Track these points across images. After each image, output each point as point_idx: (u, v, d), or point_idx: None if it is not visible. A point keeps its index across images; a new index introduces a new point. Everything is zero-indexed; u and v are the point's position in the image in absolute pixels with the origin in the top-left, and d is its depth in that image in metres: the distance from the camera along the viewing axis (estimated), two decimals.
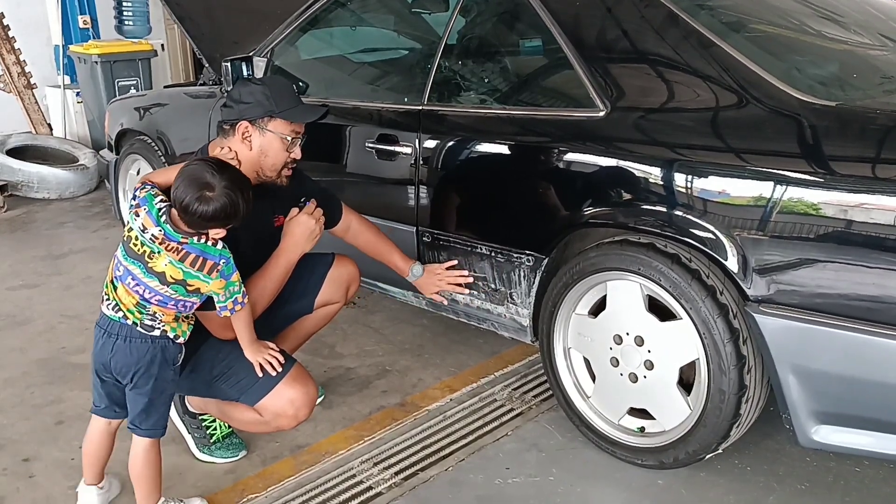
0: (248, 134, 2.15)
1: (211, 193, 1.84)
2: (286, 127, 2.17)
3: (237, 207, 1.86)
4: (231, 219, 1.88)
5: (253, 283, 2.13)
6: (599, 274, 2.22)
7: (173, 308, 1.93)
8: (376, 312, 3.41)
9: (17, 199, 5.26)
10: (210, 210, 1.83)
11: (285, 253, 2.19)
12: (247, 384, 2.12)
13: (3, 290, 3.79)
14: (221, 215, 1.85)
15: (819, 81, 2.11)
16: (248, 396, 2.13)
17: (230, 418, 2.29)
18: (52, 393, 2.80)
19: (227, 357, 2.13)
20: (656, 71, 2.20)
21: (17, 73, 5.76)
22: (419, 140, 2.62)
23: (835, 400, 1.91)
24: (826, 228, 1.82)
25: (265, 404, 2.12)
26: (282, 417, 2.14)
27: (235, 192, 1.86)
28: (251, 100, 2.15)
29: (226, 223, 1.88)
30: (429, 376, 2.88)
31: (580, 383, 2.39)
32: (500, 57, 2.75)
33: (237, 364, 2.12)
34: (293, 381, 2.13)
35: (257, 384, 2.11)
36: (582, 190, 2.24)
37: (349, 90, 3.30)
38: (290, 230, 2.20)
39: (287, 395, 2.11)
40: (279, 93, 2.18)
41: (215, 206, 1.84)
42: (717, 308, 2.00)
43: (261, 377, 2.11)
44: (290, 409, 2.12)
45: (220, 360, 2.14)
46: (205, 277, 1.90)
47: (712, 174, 1.97)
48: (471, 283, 2.56)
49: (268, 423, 2.17)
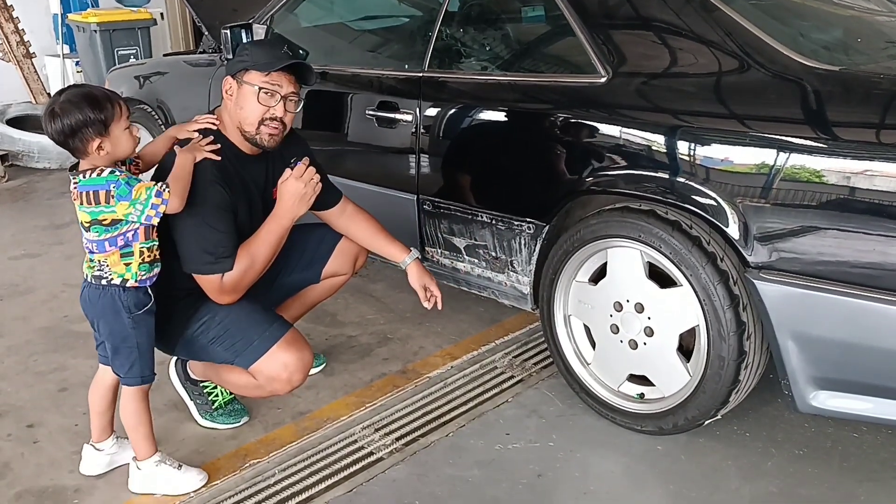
0: (230, 88, 2.18)
1: (56, 109, 1.89)
2: (259, 78, 2.14)
3: (83, 112, 1.88)
4: (87, 125, 1.88)
5: (246, 249, 2.12)
6: (600, 241, 2.21)
7: (113, 248, 1.96)
8: (378, 281, 3.42)
9: (17, 169, 5.25)
10: (61, 124, 1.89)
11: (276, 218, 2.16)
12: (241, 347, 2.12)
13: (6, 260, 3.80)
14: (74, 124, 1.88)
15: (823, 46, 2.09)
16: (242, 359, 2.13)
17: (228, 383, 2.30)
18: (55, 361, 2.82)
19: (223, 320, 2.14)
20: (658, 36, 2.18)
21: (15, 42, 5.71)
22: (420, 107, 2.60)
23: (833, 366, 1.92)
24: (828, 195, 1.81)
25: (259, 367, 2.13)
26: (276, 381, 2.14)
27: (76, 99, 1.90)
28: (237, 57, 2.20)
29: (85, 132, 1.89)
30: (430, 344, 2.89)
31: (580, 350, 2.40)
32: (502, 23, 2.73)
33: (233, 327, 2.13)
34: (287, 345, 2.13)
35: (251, 347, 2.12)
36: (583, 157, 2.23)
37: (349, 57, 3.27)
38: (280, 194, 2.16)
39: (281, 359, 2.12)
40: (262, 48, 2.22)
41: (64, 119, 1.89)
42: (717, 274, 2.00)
43: (255, 341, 2.11)
44: (283, 373, 2.12)
45: (216, 324, 2.14)
46: (107, 208, 1.92)
47: (714, 140, 1.96)
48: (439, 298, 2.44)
49: (262, 388, 2.18)
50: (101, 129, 1.89)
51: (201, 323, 2.16)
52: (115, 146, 1.92)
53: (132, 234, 1.96)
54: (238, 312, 2.14)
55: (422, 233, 2.72)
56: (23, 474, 2.23)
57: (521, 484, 2.14)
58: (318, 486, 2.14)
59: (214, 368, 2.30)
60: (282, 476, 2.18)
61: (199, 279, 2.11)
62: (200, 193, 2.05)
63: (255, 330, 2.13)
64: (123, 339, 2.02)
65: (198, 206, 2.05)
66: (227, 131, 2.20)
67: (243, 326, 2.13)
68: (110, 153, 1.93)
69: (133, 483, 2.13)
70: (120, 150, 1.94)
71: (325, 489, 2.13)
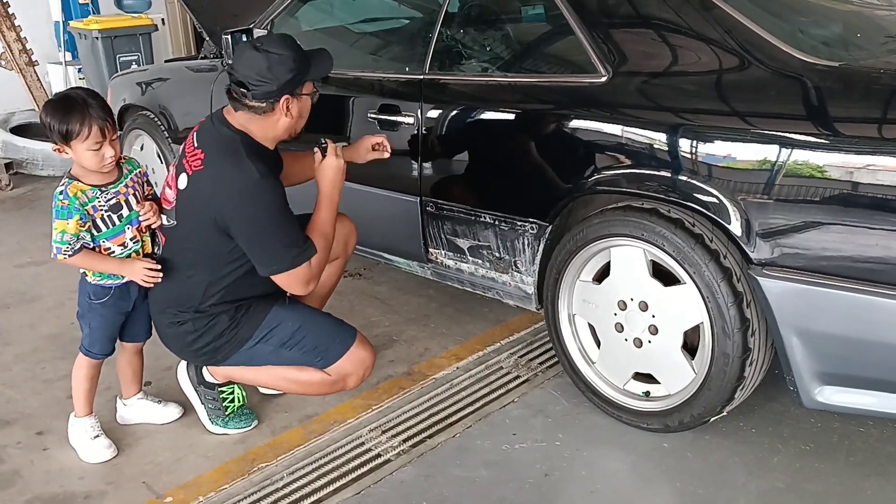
0: (289, 105, 2.16)
1: (49, 101, 2.11)
2: (311, 86, 2.23)
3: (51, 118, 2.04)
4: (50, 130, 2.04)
5: (314, 231, 2.21)
6: (603, 240, 2.22)
7: None
8: (382, 283, 3.43)
9: (22, 176, 5.28)
10: (41, 117, 2.07)
11: (327, 196, 2.25)
12: (323, 348, 2.26)
13: (12, 268, 3.82)
14: (44, 123, 2.06)
15: (822, 42, 2.09)
16: (324, 359, 2.27)
17: (286, 380, 2.35)
18: (62, 368, 2.83)
19: (296, 326, 2.26)
20: (658, 35, 2.19)
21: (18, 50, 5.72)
22: (421, 109, 2.61)
23: (838, 361, 1.92)
24: (830, 191, 1.82)
25: (340, 365, 2.27)
26: (351, 376, 2.30)
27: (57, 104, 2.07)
28: (285, 72, 2.12)
29: (50, 134, 2.06)
30: (435, 345, 2.90)
31: (585, 349, 2.41)
32: (502, 24, 2.73)
33: (310, 332, 2.26)
34: (362, 342, 2.32)
35: (333, 348, 2.27)
36: (585, 156, 2.24)
37: (350, 61, 3.26)
38: (323, 174, 2.26)
39: (360, 356, 2.29)
40: (299, 54, 2.18)
41: (43, 114, 2.07)
42: (720, 272, 2.01)
43: (336, 341, 2.27)
44: (360, 368, 2.30)
45: (288, 330, 2.25)
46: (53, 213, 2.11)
47: (715, 138, 1.97)
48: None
49: (334, 383, 2.31)
50: (61, 139, 2.05)
51: (268, 331, 2.25)
52: (77, 157, 2.08)
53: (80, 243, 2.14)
54: (308, 316, 2.30)
55: (425, 234, 2.73)
56: (32, 481, 2.25)
57: (529, 483, 2.14)
58: (326, 489, 2.15)
59: (266, 369, 2.33)
60: (290, 479, 2.19)
61: (285, 276, 2.15)
62: (270, 195, 2.09)
63: (332, 332, 2.30)
64: (83, 314, 2.29)
65: (267, 208, 2.09)
66: (254, 136, 2.19)
67: (321, 330, 2.28)
68: (73, 159, 2.09)
69: (68, 432, 2.36)
70: (83, 162, 2.09)
71: (333, 492, 2.14)
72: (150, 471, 2.26)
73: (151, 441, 2.39)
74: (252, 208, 2.09)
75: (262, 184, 2.08)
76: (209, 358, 2.30)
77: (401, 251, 2.90)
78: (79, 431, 2.33)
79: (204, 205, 2.12)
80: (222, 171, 2.11)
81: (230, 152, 2.12)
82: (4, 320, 3.25)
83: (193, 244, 2.20)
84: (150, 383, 2.64)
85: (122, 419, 2.46)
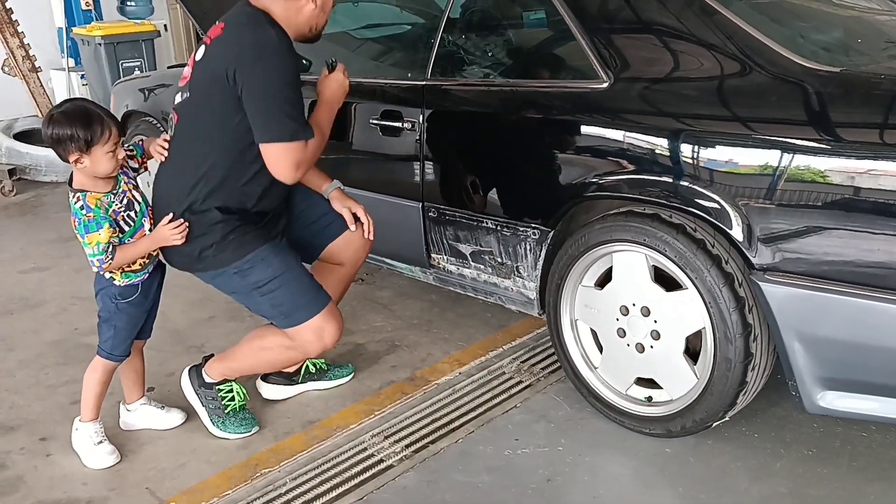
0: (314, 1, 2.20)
1: (54, 116, 2.08)
2: None
3: (72, 128, 2.04)
4: (71, 140, 2.05)
5: (312, 121, 2.24)
6: (605, 245, 2.23)
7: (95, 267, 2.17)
8: (384, 288, 3.43)
9: (25, 182, 5.29)
10: (52, 131, 2.06)
11: (327, 102, 2.33)
12: (291, 308, 2.24)
13: (15, 274, 3.83)
14: (61, 135, 2.05)
15: (823, 47, 2.09)
16: (287, 320, 2.26)
17: (251, 362, 2.39)
18: (66, 373, 2.84)
19: (275, 276, 2.23)
20: (659, 40, 2.19)
21: (21, 56, 5.75)
22: (423, 115, 2.62)
23: (840, 366, 1.92)
24: (831, 196, 1.82)
25: (301, 331, 2.26)
26: (312, 344, 2.29)
27: (72, 114, 2.07)
28: None
29: (68, 145, 2.05)
30: (437, 350, 2.90)
31: (587, 354, 2.41)
32: (503, 30, 2.74)
33: (284, 287, 2.23)
34: (331, 314, 2.29)
35: (300, 310, 2.25)
36: (586, 162, 2.25)
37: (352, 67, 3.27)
38: (328, 86, 2.33)
39: (320, 327, 2.26)
40: None
41: (55, 128, 2.06)
42: (722, 277, 2.01)
43: (304, 305, 2.24)
44: (320, 339, 2.28)
45: (267, 277, 2.23)
46: (77, 232, 2.12)
47: (716, 143, 1.97)
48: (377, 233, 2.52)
49: (295, 348, 2.31)
50: (84, 147, 2.06)
51: (250, 266, 2.22)
52: (94, 164, 2.09)
53: (109, 256, 2.13)
54: (291, 269, 2.26)
55: (427, 239, 2.73)
56: (36, 487, 2.25)
57: (531, 489, 2.14)
58: (329, 495, 2.15)
59: (235, 358, 2.38)
60: (293, 485, 2.19)
61: (279, 149, 2.12)
62: (284, 61, 2.10)
63: (305, 294, 2.26)
64: (107, 317, 2.27)
65: (280, 72, 2.09)
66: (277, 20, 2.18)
67: (296, 288, 2.25)
68: (88, 168, 2.09)
69: (72, 436, 2.36)
70: (99, 168, 2.10)
71: (335, 497, 2.14)
72: (153, 476, 2.27)
73: (154, 447, 2.40)
74: (264, 67, 2.08)
75: (280, 48, 2.09)
76: (189, 262, 2.27)
77: (403, 256, 2.90)
78: (83, 436, 2.34)
79: (219, 62, 2.12)
80: (242, 32, 2.13)
81: (252, 21, 2.14)
82: (8, 326, 3.26)
83: (202, 113, 2.18)
84: (153, 389, 2.64)
85: (125, 425, 2.47)
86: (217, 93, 2.13)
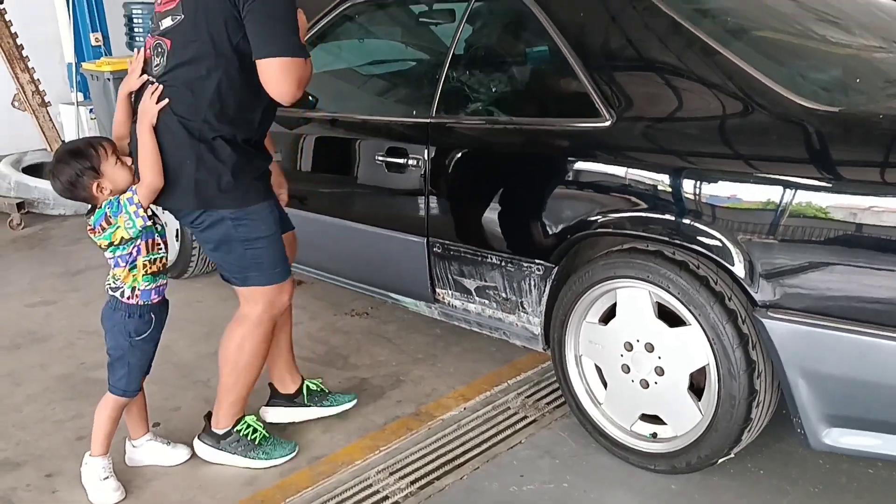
0: None
1: (54, 171, 2.19)
2: None
3: (72, 166, 2.15)
4: (81, 175, 2.15)
5: None
6: (609, 282, 2.24)
7: (123, 264, 2.23)
8: (389, 322, 3.45)
9: (33, 216, 5.33)
10: (61, 182, 2.17)
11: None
12: (265, 267, 2.31)
13: (23, 308, 3.85)
14: (71, 178, 2.16)
15: (822, 87, 2.12)
16: (256, 277, 2.32)
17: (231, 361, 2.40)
18: (72, 409, 2.85)
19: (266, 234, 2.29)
20: (661, 80, 2.22)
21: (31, 91, 5.83)
22: (428, 152, 2.65)
23: (845, 403, 1.93)
24: (832, 233, 1.84)
25: (261, 291, 2.33)
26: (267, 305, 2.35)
27: (64, 158, 2.18)
28: None
29: (82, 181, 2.16)
30: (442, 385, 2.91)
31: (592, 390, 2.42)
32: (507, 69, 2.78)
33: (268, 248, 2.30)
34: (290, 285, 2.41)
35: (269, 272, 2.32)
36: (589, 199, 2.27)
37: (359, 104, 3.34)
38: None
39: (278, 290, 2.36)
40: None
41: (61, 178, 2.17)
42: (725, 314, 2.03)
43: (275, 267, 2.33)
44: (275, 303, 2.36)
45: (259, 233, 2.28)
46: (112, 227, 2.18)
47: (717, 182, 2.00)
48: None
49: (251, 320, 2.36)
50: (94, 173, 2.16)
51: (246, 219, 2.25)
52: (113, 181, 2.18)
53: (136, 251, 2.23)
54: (277, 235, 2.32)
55: (432, 274, 2.75)
56: None
57: None
58: None
59: (225, 388, 2.41)
60: None
61: (282, 64, 2.08)
62: None
63: (281, 260, 2.35)
64: (120, 355, 2.29)
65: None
66: None
67: (276, 250, 2.32)
68: (112, 189, 2.18)
69: (81, 470, 2.38)
70: (119, 182, 2.19)
71: None
72: None
73: (161, 483, 2.40)
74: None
75: None
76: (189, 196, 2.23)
77: (408, 291, 2.92)
78: (91, 471, 2.34)
79: None
80: None
81: None
82: (16, 361, 3.27)
83: (201, 34, 2.14)
84: (158, 424, 2.65)
85: (131, 461, 2.47)
86: (217, 9, 2.10)
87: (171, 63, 2.19)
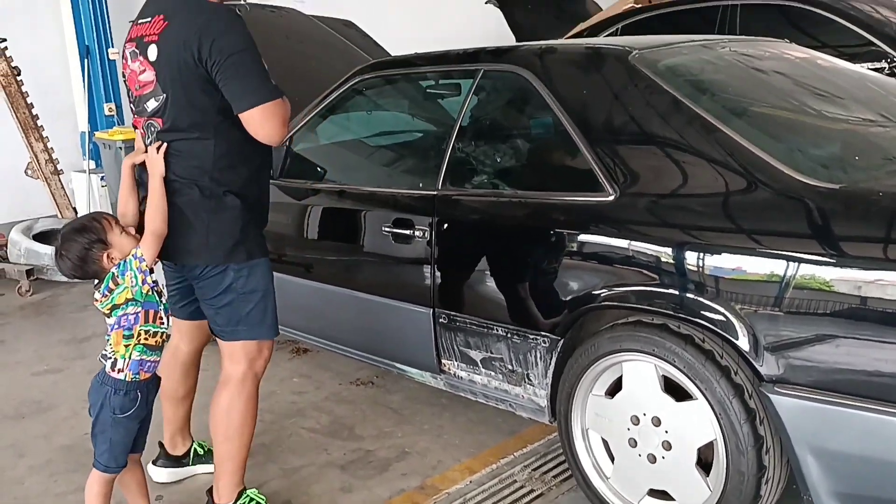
0: None
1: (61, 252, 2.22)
2: None
3: (79, 243, 2.19)
4: (89, 250, 2.19)
5: None
6: (614, 355, 2.25)
7: (118, 328, 2.23)
8: (395, 392, 3.43)
9: (42, 282, 5.37)
10: (70, 262, 2.21)
11: None
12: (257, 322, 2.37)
13: (29, 376, 3.85)
14: (80, 255, 2.20)
15: (821, 164, 2.16)
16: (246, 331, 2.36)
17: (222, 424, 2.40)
18: (75, 481, 2.82)
19: (267, 287, 2.37)
20: (662, 156, 2.26)
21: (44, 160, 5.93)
22: (434, 224, 2.69)
23: (854, 480, 1.91)
24: (835, 307, 1.85)
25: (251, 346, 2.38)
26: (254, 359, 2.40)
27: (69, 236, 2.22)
28: None
29: (91, 255, 2.19)
30: (448, 457, 2.88)
31: (599, 464, 2.39)
32: (512, 143, 2.84)
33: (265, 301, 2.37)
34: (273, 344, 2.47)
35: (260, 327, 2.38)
36: (594, 272, 2.29)
37: (366, 176, 3.40)
38: None
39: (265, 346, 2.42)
40: None
41: (70, 256, 2.21)
42: (731, 388, 2.02)
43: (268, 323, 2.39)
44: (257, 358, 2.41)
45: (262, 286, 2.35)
46: (119, 288, 2.20)
47: (720, 257, 2.02)
48: None
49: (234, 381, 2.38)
50: (102, 245, 2.20)
51: (260, 267, 2.34)
52: (121, 250, 2.22)
53: (134, 317, 2.22)
54: (272, 290, 2.39)
55: (438, 345, 2.76)
56: None
57: None
58: None
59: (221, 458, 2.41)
60: None
61: (265, 112, 2.15)
62: (241, 27, 2.16)
63: (273, 316, 2.40)
64: (103, 430, 2.28)
65: (243, 38, 2.15)
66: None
67: (271, 306, 2.39)
68: (121, 256, 2.21)
69: None
70: (128, 249, 2.23)
71: None
72: None
73: None
74: (227, 31, 2.13)
75: (232, 14, 2.17)
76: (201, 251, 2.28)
77: (413, 361, 2.92)
78: None
79: (182, 50, 2.13)
80: (191, 13, 2.16)
81: (192, 2, 2.19)
82: (20, 431, 3.26)
83: (189, 107, 2.20)
84: (161, 497, 2.62)
85: None
86: (193, 80, 2.16)
87: (167, 138, 2.27)
